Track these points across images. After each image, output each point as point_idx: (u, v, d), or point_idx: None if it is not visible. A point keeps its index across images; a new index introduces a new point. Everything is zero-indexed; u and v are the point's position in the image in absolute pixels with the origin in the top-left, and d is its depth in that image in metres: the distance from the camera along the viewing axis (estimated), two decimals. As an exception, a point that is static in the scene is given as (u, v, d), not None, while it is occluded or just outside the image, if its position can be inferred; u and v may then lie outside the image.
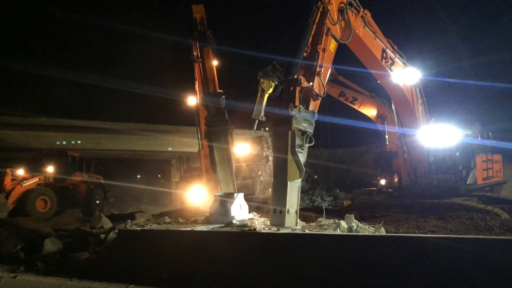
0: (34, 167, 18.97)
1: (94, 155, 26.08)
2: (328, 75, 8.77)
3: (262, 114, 7.82)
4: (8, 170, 17.30)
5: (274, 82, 7.79)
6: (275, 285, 5.65)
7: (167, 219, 10.57)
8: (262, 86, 7.81)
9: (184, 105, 14.21)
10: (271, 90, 7.81)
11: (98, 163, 22.46)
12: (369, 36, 10.20)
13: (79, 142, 26.36)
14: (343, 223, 7.69)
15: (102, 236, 9.35)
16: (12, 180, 17.38)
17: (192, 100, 13.63)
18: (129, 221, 10.65)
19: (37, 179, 17.97)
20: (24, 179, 17.59)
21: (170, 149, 30.80)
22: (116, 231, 8.81)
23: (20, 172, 17.88)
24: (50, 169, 18.75)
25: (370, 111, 14.08)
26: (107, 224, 11.53)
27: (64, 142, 26.05)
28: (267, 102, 7.91)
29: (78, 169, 20.52)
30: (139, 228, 8.36)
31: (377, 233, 7.60)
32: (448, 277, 4.67)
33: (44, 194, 17.61)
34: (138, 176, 42.53)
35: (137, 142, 29.69)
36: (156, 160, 38.83)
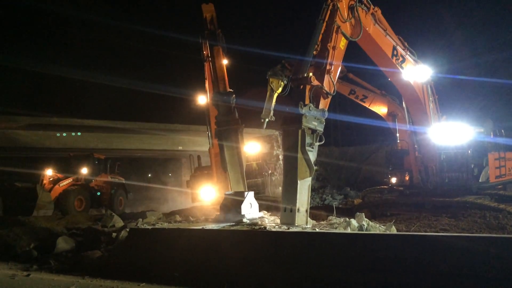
0: (62, 167, 19.75)
1: (106, 155, 26.42)
2: (338, 73, 8.75)
3: (271, 113, 7.82)
4: (46, 169, 18.05)
5: (283, 82, 7.77)
6: (285, 283, 5.64)
7: (178, 218, 10.63)
8: (271, 85, 7.79)
9: (195, 104, 14.24)
10: (280, 89, 7.80)
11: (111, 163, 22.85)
12: (380, 34, 10.14)
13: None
14: (353, 222, 7.68)
15: (114, 234, 9.45)
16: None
17: (202, 99, 13.65)
18: (140, 219, 10.76)
19: (71, 180, 18.84)
20: (59, 179, 18.35)
21: (180, 148, 30.90)
22: (128, 229, 8.88)
23: (49, 172, 18.40)
24: (84, 170, 19.75)
25: (381, 109, 14.02)
26: (119, 222, 11.64)
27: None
28: (276, 100, 7.90)
29: (103, 170, 21.24)
30: (150, 227, 8.40)
31: (388, 232, 7.57)
32: (460, 276, 4.63)
33: (81, 194, 18.68)
34: (149, 175, 42.69)
35: (148, 141, 29.86)
36: (167, 159, 38.96)
